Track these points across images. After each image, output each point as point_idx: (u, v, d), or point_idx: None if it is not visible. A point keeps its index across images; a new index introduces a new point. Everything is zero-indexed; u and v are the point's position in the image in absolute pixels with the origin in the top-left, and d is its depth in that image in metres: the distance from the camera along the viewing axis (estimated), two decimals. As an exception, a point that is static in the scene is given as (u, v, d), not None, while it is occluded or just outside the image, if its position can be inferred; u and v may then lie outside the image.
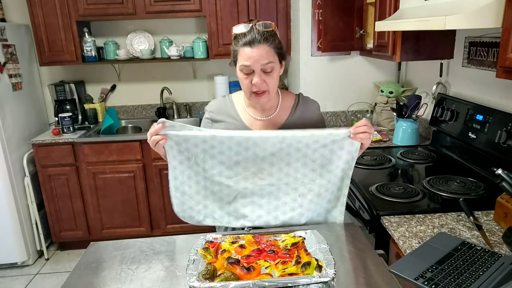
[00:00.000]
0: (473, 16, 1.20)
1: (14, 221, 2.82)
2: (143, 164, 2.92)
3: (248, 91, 1.29)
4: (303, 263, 1.01)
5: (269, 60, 1.23)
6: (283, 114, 1.40)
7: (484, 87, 1.87)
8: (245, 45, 1.23)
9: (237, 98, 1.44)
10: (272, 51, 1.24)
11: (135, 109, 3.48)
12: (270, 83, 1.27)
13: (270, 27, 1.25)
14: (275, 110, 1.39)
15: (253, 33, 1.22)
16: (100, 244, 1.27)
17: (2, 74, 2.75)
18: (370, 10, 2.41)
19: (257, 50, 1.22)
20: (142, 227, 3.06)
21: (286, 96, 1.44)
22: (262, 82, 1.25)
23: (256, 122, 1.39)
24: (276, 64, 1.27)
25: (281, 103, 1.40)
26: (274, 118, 1.39)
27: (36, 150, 2.85)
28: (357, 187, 1.70)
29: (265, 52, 1.22)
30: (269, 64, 1.24)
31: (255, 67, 1.23)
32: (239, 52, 1.25)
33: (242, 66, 1.25)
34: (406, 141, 2.28)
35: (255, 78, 1.24)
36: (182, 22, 3.27)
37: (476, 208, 1.41)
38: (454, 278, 0.99)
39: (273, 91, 1.31)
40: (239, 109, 1.41)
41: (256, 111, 1.39)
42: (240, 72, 1.28)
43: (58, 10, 2.87)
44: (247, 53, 1.22)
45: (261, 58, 1.22)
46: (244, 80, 1.27)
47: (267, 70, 1.24)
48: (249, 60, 1.22)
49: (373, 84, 2.82)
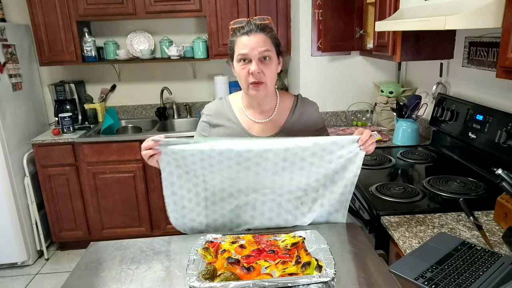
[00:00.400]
0: (473, 16, 1.20)
1: (14, 221, 2.82)
2: (143, 164, 2.92)
3: (246, 82, 1.26)
4: (303, 263, 1.01)
5: (266, 48, 1.23)
6: (282, 115, 1.38)
7: (484, 87, 1.87)
8: (242, 35, 1.24)
9: (234, 100, 1.41)
10: (269, 41, 1.25)
11: (135, 109, 3.48)
12: (268, 73, 1.25)
13: (267, 20, 1.27)
14: (274, 111, 1.37)
15: (250, 24, 1.25)
16: (100, 244, 1.27)
17: (2, 74, 2.75)
18: (370, 10, 2.41)
19: (254, 38, 1.22)
20: (142, 227, 3.06)
21: (285, 97, 1.42)
22: (260, 71, 1.23)
23: (254, 125, 1.37)
24: (273, 54, 1.26)
25: (279, 104, 1.38)
26: (273, 120, 1.37)
27: (36, 150, 2.85)
28: (357, 187, 1.69)
29: (262, 40, 1.23)
30: (266, 52, 1.23)
31: (252, 55, 1.22)
32: (236, 42, 1.25)
33: (240, 55, 1.24)
34: (406, 141, 2.28)
35: (252, 67, 1.23)
36: (182, 22, 3.27)
37: (476, 208, 1.41)
38: (454, 278, 0.99)
39: (271, 84, 1.29)
40: (237, 111, 1.38)
41: (254, 113, 1.37)
42: (237, 63, 1.26)
43: (58, 10, 2.87)
44: (244, 42, 1.23)
45: (258, 45, 1.22)
46: (242, 71, 1.25)
47: (264, 59, 1.24)
48: (246, 48, 1.22)
49: (373, 84, 2.82)
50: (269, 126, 1.36)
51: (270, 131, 1.36)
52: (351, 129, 2.59)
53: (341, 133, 2.44)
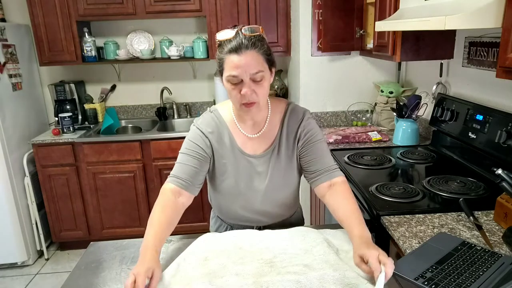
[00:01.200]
0: (473, 16, 1.20)
1: (14, 221, 2.82)
2: (143, 164, 2.92)
3: (238, 102, 1.18)
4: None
5: (259, 69, 1.13)
6: (273, 129, 1.32)
7: (484, 87, 1.87)
8: (231, 52, 1.12)
9: (225, 112, 1.32)
10: (261, 58, 1.14)
11: (135, 109, 3.48)
12: (260, 93, 1.17)
13: (258, 31, 1.15)
14: (265, 123, 1.31)
15: (239, 38, 1.12)
16: (100, 244, 1.27)
17: (2, 74, 2.75)
18: (370, 10, 2.41)
19: (245, 58, 1.12)
20: (142, 227, 3.03)
21: (276, 107, 1.34)
22: (252, 92, 1.15)
23: (248, 142, 1.31)
24: (266, 72, 1.17)
25: (270, 116, 1.32)
26: (265, 133, 1.31)
27: (36, 150, 2.85)
28: (357, 187, 1.70)
29: (254, 60, 1.13)
30: (259, 73, 1.14)
31: (243, 77, 1.13)
32: (225, 61, 1.15)
33: (230, 77, 1.14)
34: (406, 141, 2.28)
35: (244, 89, 1.14)
36: (182, 22, 3.27)
37: (476, 208, 1.41)
38: (454, 278, 0.99)
39: (263, 101, 1.23)
40: (229, 125, 1.31)
41: (246, 127, 1.31)
42: (227, 82, 1.17)
43: (58, 10, 2.87)
44: (234, 62, 1.12)
45: (250, 67, 1.12)
46: (232, 91, 1.17)
47: (256, 80, 1.15)
48: (237, 70, 1.12)
49: (373, 84, 2.82)
50: (261, 141, 1.31)
51: (263, 146, 1.31)
52: (351, 129, 2.58)
53: (341, 133, 2.44)
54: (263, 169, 1.30)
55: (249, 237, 1.23)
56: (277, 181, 1.31)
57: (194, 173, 1.25)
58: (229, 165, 1.30)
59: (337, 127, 2.74)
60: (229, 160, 1.30)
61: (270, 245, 1.17)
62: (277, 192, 1.33)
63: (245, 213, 1.36)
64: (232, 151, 1.30)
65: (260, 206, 1.34)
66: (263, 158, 1.30)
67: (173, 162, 1.28)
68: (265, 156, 1.30)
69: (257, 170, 1.30)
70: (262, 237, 1.22)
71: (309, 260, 1.08)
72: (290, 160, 1.32)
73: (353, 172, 1.87)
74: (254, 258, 1.11)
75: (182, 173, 1.24)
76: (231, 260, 1.10)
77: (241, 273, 1.04)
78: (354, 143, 2.38)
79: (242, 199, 1.33)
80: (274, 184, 1.31)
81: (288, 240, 1.19)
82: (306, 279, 1.00)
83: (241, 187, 1.31)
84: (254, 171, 1.30)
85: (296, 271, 1.03)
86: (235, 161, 1.30)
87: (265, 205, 1.34)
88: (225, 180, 1.31)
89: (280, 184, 1.33)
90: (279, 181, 1.32)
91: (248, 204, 1.34)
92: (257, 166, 1.30)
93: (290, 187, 1.36)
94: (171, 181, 1.23)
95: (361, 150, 2.20)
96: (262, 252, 1.14)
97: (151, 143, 2.87)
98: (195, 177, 1.25)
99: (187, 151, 1.27)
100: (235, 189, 1.31)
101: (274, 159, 1.30)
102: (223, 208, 1.40)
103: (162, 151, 2.88)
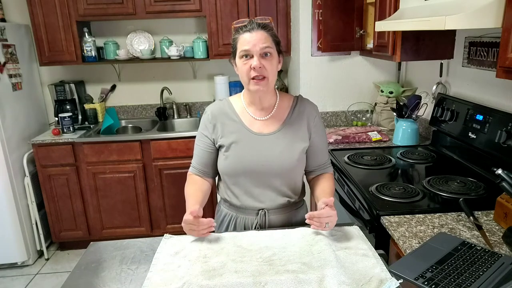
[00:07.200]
0: (473, 16, 1.20)
1: (14, 221, 2.82)
2: (143, 164, 2.92)
3: (247, 77, 1.31)
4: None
5: (267, 44, 1.28)
6: (282, 113, 1.41)
7: (484, 87, 1.87)
8: (244, 31, 1.30)
9: (235, 100, 1.45)
10: (270, 38, 1.30)
11: (135, 109, 3.48)
12: (269, 68, 1.30)
13: (267, 20, 1.34)
14: (273, 108, 1.41)
15: (252, 23, 1.31)
16: (100, 244, 1.27)
17: (2, 74, 2.75)
18: (370, 10, 2.41)
19: (256, 35, 1.28)
20: (142, 227, 3.06)
21: (284, 96, 1.46)
22: (261, 65, 1.28)
23: (255, 122, 1.40)
24: (274, 51, 1.31)
25: (278, 102, 1.43)
26: (273, 117, 1.40)
27: (36, 150, 2.85)
28: (357, 187, 1.70)
29: (263, 37, 1.29)
30: (267, 48, 1.28)
31: (254, 50, 1.27)
32: (238, 39, 1.31)
33: (242, 52, 1.29)
34: (406, 141, 2.28)
35: (254, 61, 1.27)
36: (182, 22, 3.27)
37: (476, 208, 1.41)
38: (454, 278, 0.99)
39: (272, 80, 1.34)
40: (238, 110, 1.42)
41: (256, 110, 1.41)
42: (239, 59, 1.31)
43: (58, 10, 2.87)
44: (246, 38, 1.28)
45: (260, 41, 1.27)
46: (243, 66, 1.30)
47: (265, 55, 1.29)
48: (248, 44, 1.27)
49: (373, 84, 2.82)
50: (269, 122, 1.40)
51: (271, 127, 1.39)
52: (351, 129, 2.58)
53: (341, 133, 2.44)
54: (269, 145, 1.36)
55: (248, 236, 1.25)
56: (285, 155, 1.36)
57: (206, 161, 1.44)
58: (236, 138, 1.38)
59: (337, 127, 2.74)
60: (237, 135, 1.38)
61: (269, 243, 1.20)
62: (284, 166, 1.36)
63: (253, 188, 1.38)
64: (239, 129, 1.39)
65: (267, 180, 1.37)
66: (270, 136, 1.38)
67: (173, 162, 1.31)
68: (272, 135, 1.38)
69: (264, 145, 1.37)
70: (262, 236, 1.25)
71: (308, 258, 1.10)
72: (301, 139, 1.39)
73: (353, 172, 1.87)
74: (253, 256, 1.13)
75: (196, 163, 1.46)
76: (230, 258, 1.11)
77: (240, 271, 1.05)
78: (354, 143, 2.38)
79: (249, 174, 1.36)
80: (281, 159, 1.36)
81: (287, 239, 1.22)
82: (305, 277, 1.01)
83: (248, 159, 1.36)
84: (262, 146, 1.36)
85: (295, 269, 1.04)
86: (242, 136, 1.38)
87: (272, 180, 1.37)
88: (233, 154, 1.37)
89: (287, 157, 1.36)
90: (287, 154, 1.36)
91: (254, 179, 1.37)
92: (264, 142, 1.37)
93: (296, 164, 1.39)
94: (191, 170, 1.48)
95: (361, 150, 2.20)
96: (261, 250, 1.16)
97: (151, 143, 2.87)
98: (207, 164, 1.44)
99: (198, 141, 1.46)
100: (242, 162, 1.36)
101: (282, 136, 1.38)
102: (231, 188, 1.42)
103: (162, 151, 2.88)
